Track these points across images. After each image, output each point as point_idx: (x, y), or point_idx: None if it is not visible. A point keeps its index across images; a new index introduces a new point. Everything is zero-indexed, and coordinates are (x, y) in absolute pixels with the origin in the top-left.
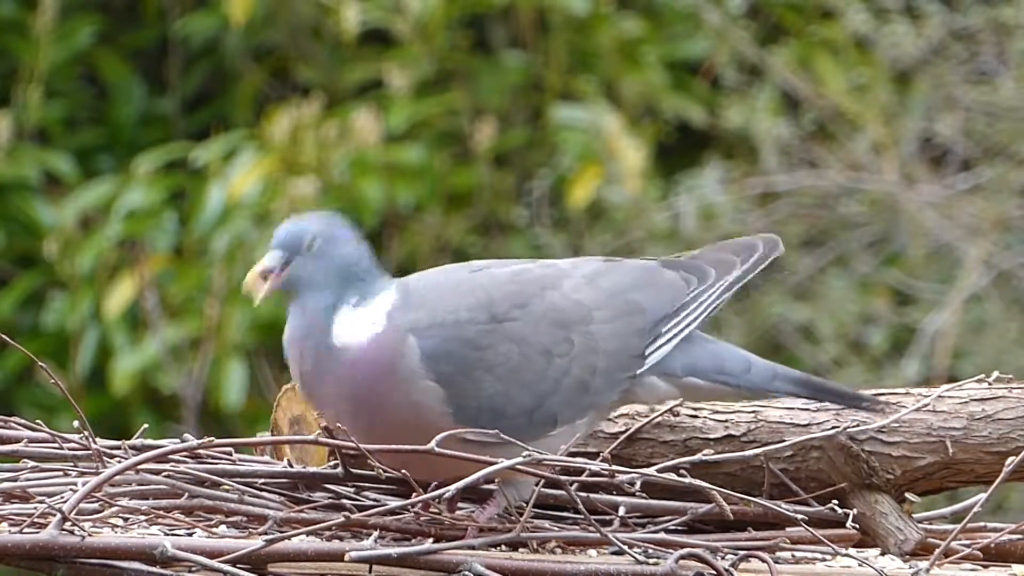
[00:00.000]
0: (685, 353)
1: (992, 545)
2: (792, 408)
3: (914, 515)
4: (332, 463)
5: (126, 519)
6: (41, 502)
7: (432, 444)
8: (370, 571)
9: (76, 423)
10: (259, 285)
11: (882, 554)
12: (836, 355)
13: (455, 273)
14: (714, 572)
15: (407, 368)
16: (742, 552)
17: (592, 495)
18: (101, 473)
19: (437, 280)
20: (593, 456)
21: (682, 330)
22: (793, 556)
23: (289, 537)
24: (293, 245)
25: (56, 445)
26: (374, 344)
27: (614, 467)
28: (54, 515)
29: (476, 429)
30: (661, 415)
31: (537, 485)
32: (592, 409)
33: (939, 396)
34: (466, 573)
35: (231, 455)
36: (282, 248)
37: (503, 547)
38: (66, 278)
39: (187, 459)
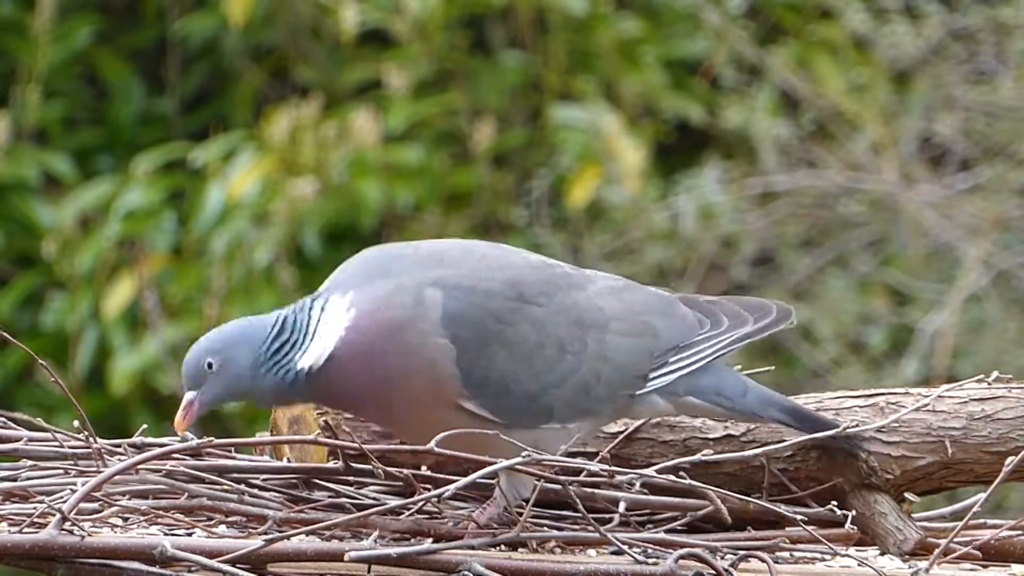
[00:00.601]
0: (688, 375)
1: (991, 544)
2: None
3: (913, 515)
4: (332, 462)
5: (126, 519)
6: (41, 502)
7: (432, 444)
8: (369, 571)
9: (76, 422)
10: (181, 421)
11: (881, 554)
12: (835, 355)
13: (473, 245)
14: (713, 572)
15: (426, 321)
16: (741, 552)
17: (592, 492)
18: (101, 473)
19: (456, 245)
20: (593, 456)
21: (686, 366)
22: (792, 556)
23: (289, 537)
24: (195, 377)
25: (56, 444)
26: (363, 320)
27: (613, 467)
28: (54, 515)
29: (483, 409)
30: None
31: (537, 484)
32: (588, 416)
33: (939, 396)
34: (466, 573)
35: (231, 455)
36: (189, 384)
37: (503, 547)
38: (65, 278)
39: (186, 459)
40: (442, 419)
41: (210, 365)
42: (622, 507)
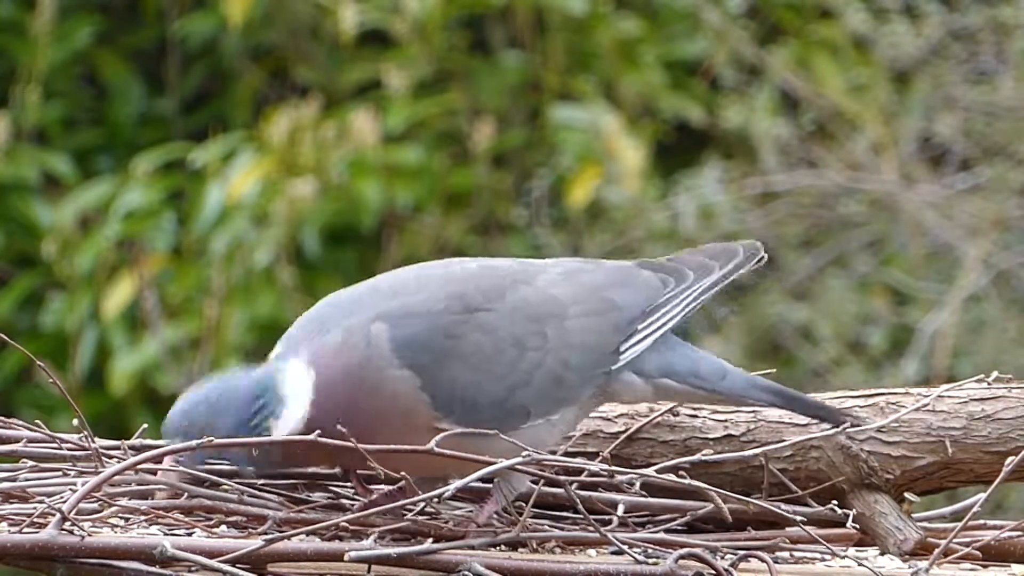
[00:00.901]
0: (661, 355)
1: (992, 544)
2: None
3: (913, 515)
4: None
5: (126, 519)
6: (40, 502)
7: (432, 444)
8: (369, 571)
9: (75, 423)
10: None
11: (881, 554)
12: (835, 355)
13: (406, 269)
14: (713, 572)
15: (380, 357)
16: (741, 552)
17: (592, 494)
18: (100, 473)
19: (388, 281)
20: (593, 456)
21: (657, 329)
22: (792, 556)
23: (289, 537)
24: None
25: (55, 445)
26: (323, 378)
27: (613, 467)
28: (53, 515)
29: (459, 424)
30: (661, 415)
31: (538, 485)
32: (568, 404)
33: (939, 396)
34: (465, 573)
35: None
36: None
37: (502, 547)
38: (65, 278)
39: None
40: (420, 441)
41: (186, 434)
42: (620, 509)
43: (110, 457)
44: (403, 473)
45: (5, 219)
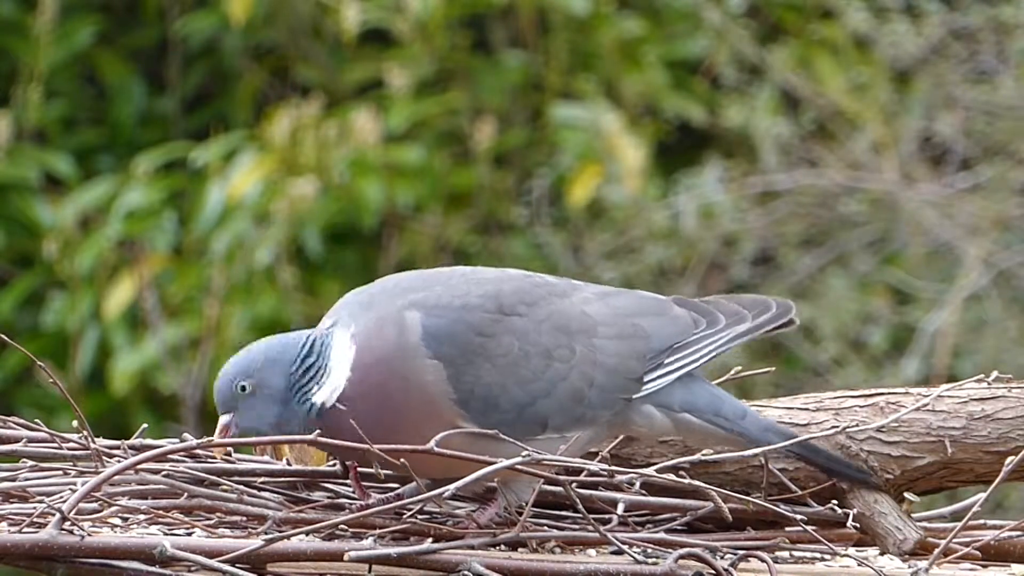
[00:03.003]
0: (686, 389)
1: (992, 544)
2: (791, 408)
3: (913, 515)
4: (331, 462)
5: (125, 519)
6: (40, 502)
7: (431, 444)
8: (370, 571)
9: (75, 423)
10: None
11: (881, 554)
12: (836, 354)
13: (453, 270)
14: (713, 572)
15: (410, 345)
16: (741, 552)
17: (592, 493)
18: (100, 473)
19: (436, 272)
20: (592, 456)
21: (683, 366)
22: (792, 556)
23: (288, 537)
24: (227, 401)
25: (55, 445)
26: (361, 362)
27: (613, 467)
28: (53, 515)
29: (476, 425)
30: None
31: (538, 486)
32: (584, 424)
33: (938, 396)
34: (465, 573)
35: (230, 455)
36: (222, 408)
37: (503, 547)
38: (66, 278)
39: (186, 459)
40: (441, 441)
41: (243, 388)
42: (620, 508)
43: (110, 457)
44: (402, 460)
45: (6, 219)
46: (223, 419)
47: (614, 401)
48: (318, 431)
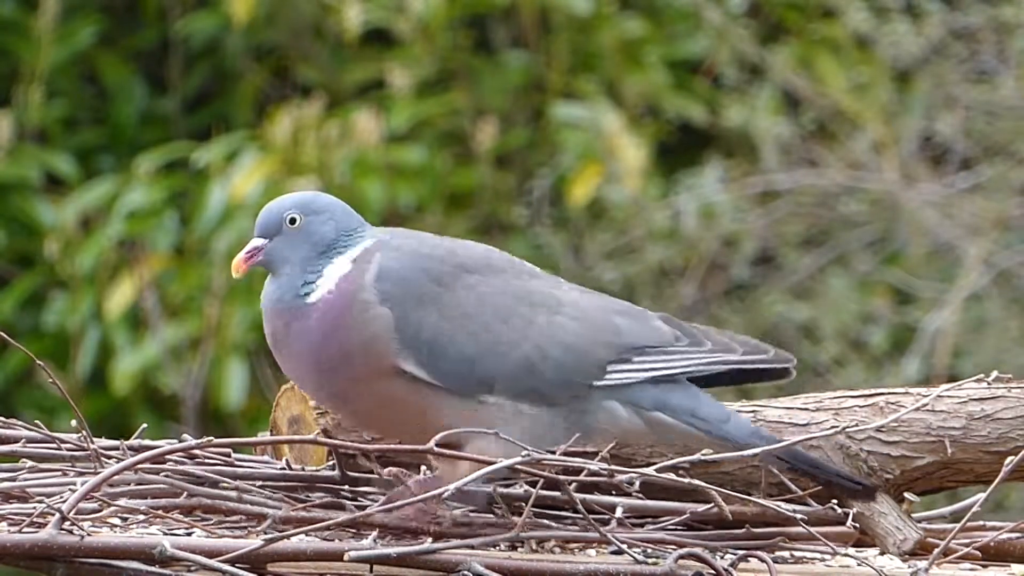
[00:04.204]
0: (659, 390)
1: (991, 544)
2: (791, 408)
3: (913, 514)
4: (330, 463)
5: (125, 519)
6: (40, 502)
7: (431, 444)
8: (371, 571)
9: (74, 423)
10: (240, 265)
11: (881, 554)
12: (836, 354)
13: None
14: (713, 571)
15: (366, 282)
16: (741, 551)
17: (591, 496)
18: (100, 473)
19: (427, 233)
20: (592, 455)
21: (653, 369)
22: (792, 555)
23: (288, 536)
24: (271, 227)
25: (54, 445)
26: (341, 283)
27: (613, 467)
28: (53, 515)
29: (423, 372)
30: None
31: (536, 486)
32: (540, 400)
33: (938, 396)
34: (465, 573)
35: (229, 455)
36: (261, 232)
37: (502, 546)
38: (67, 278)
39: (185, 459)
40: (385, 387)
41: (292, 220)
42: (619, 512)
43: (109, 457)
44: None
45: (7, 219)
46: (255, 242)
47: (572, 383)
48: (317, 431)
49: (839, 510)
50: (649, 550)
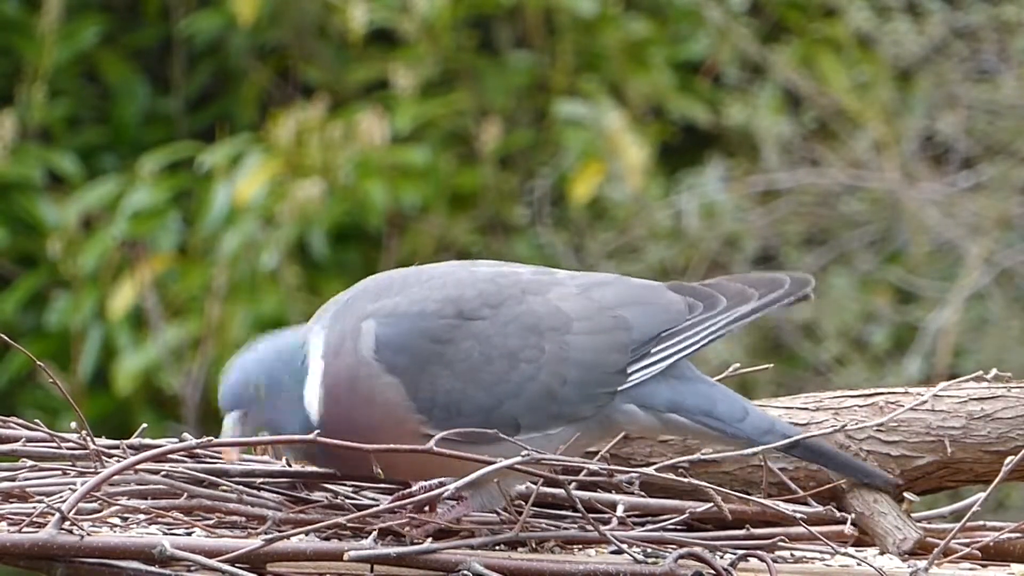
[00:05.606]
0: (672, 388)
1: (991, 544)
2: (791, 408)
3: (913, 514)
4: None
5: (125, 519)
6: (40, 501)
7: (431, 444)
8: (372, 571)
9: (74, 423)
10: (231, 453)
11: (881, 553)
12: (838, 353)
13: (421, 271)
14: (713, 571)
15: (364, 359)
16: (741, 551)
17: (591, 494)
18: (100, 472)
19: (405, 275)
20: (591, 455)
21: (673, 354)
22: (792, 555)
23: (288, 536)
24: (244, 400)
25: (54, 445)
26: (326, 378)
27: (612, 466)
28: (53, 514)
29: (442, 429)
30: None
31: (537, 484)
32: (566, 421)
33: (936, 395)
34: (465, 572)
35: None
36: (235, 407)
37: (502, 546)
38: (69, 278)
39: (186, 459)
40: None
41: (257, 388)
42: (620, 510)
43: (109, 457)
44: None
45: (10, 218)
46: (232, 418)
47: (595, 396)
48: (317, 432)
49: (839, 514)
50: (649, 550)
